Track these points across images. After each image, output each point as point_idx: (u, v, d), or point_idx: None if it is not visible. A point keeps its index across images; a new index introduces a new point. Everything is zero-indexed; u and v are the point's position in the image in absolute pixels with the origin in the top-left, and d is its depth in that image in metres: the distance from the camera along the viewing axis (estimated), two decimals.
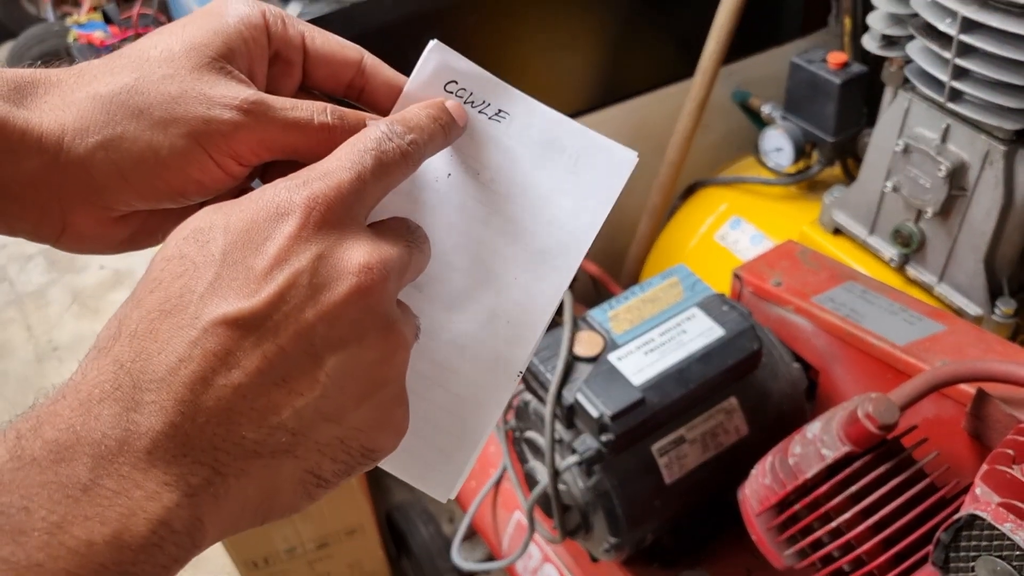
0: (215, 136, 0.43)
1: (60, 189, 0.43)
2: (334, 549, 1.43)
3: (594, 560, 1.10)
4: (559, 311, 1.03)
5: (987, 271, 1.12)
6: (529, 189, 0.51)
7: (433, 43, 0.51)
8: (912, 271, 1.20)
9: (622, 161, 0.51)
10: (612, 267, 1.58)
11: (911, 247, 1.17)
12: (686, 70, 1.46)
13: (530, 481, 1.06)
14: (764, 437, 1.03)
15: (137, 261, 2.44)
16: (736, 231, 1.42)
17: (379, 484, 1.59)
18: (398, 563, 1.57)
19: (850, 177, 1.38)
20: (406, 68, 0.53)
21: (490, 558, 1.59)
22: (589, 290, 1.52)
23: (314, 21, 1.22)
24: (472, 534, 1.45)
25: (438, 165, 0.51)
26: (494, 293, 0.50)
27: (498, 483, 1.31)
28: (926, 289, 1.19)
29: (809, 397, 1.09)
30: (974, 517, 0.71)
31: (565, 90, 1.52)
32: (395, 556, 1.57)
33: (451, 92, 0.51)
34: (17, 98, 0.42)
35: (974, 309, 1.14)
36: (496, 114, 0.52)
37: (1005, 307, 1.12)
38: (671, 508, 1.01)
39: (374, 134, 0.42)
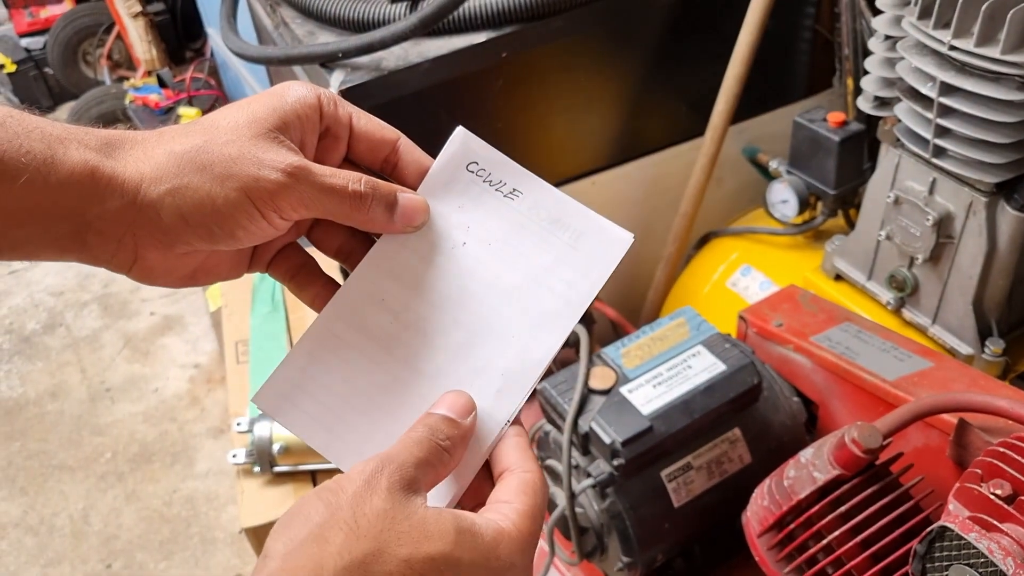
0: (262, 192, 0.52)
1: (134, 226, 0.52)
2: None
3: None
4: (577, 349, 1.13)
5: (976, 313, 1.20)
6: (533, 260, 0.58)
7: (459, 129, 0.61)
8: (908, 314, 1.29)
9: (618, 240, 0.59)
10: (630, 311, 1.67)
11: (905, 291, 1.26)
12: (698, 129, 1.56)
13: (550, 506, 1.15)
14: (766, 465, 1.11)
15: (185, 308, 2.57)
16: (746, 278, 1.51)
17: None
18: None
19: (852, 227, 1.47)
20: (438, 128, 0.62)
21: None
22: (608, 332, 1.61)
23: (355, 88, 1.35)
24: None
25: (455, 235, 0.59)
26: (492, 348, 0.58)
27: None
28: (921, 330, 1.28)
29: (809, 429, 1.18)
30: (944, 528, 0.79)
31: (586, 148, 1.63)
32: None
33: (472, 172, 0.60)
34: (108, 151, 0.52)
35: (965, 349, 1.22)
36: (510, 192, 0.60)
37: (994, 347, 1.20)
38: (680, 530, 1.09)
39: None
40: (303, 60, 1.38)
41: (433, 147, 1.62)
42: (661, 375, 1.07)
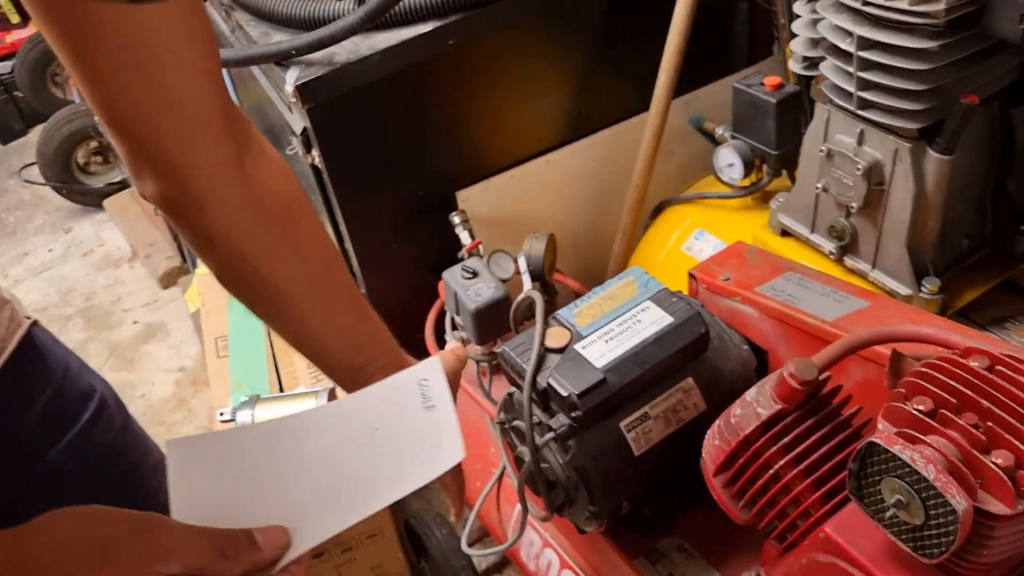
0: None
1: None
2: (357, 553, 1.57)
3: (581, 532, 1.24)
4: (530, 315, 1.19)
5: (911, 255, 1.27)
6: (404, 453, 0.75)
7: (435, 359, 0.81)
8: (849, 261, 1.35)
9: (451, 453, 0.75)
10: (593, 282, 1.73)
11: (845, 240, 1.33)
12: (645, 103, 1.62)
13: (518, 463, 1.21)
14: (720, 411, 1.16)
15: (167, 315, 2.62)
16: (700, 242, 1.58)
17: None
18: (418, 567, 1.71)
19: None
20: (390, 119, 0.70)
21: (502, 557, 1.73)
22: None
23: (310, 83, 1.40)
24: (485, 535, 1.59)
25: (375, 423, 0.77)
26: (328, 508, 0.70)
27: (500, 480, 1.45)
28: (862, 276, 1.34)
29: (761, 375, 1.24)
30: (872, 444, 0.84)
31: (538, 128, 1.69)
32: (415, 561, 1.71)
33: (420, 386, 0.79)
34: None
35: (904, 290, 1.29)
36: (429, 406, 0.78)
37: (930, 285, 1.27)
38: (642, 478, 1.15)
39: None
40: (258, 60, 1.43)
41: (387, 138, 1.69)
42: (612, 331, 1.13)
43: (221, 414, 1.52)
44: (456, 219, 1.60)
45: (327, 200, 1.58)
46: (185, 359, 2.44)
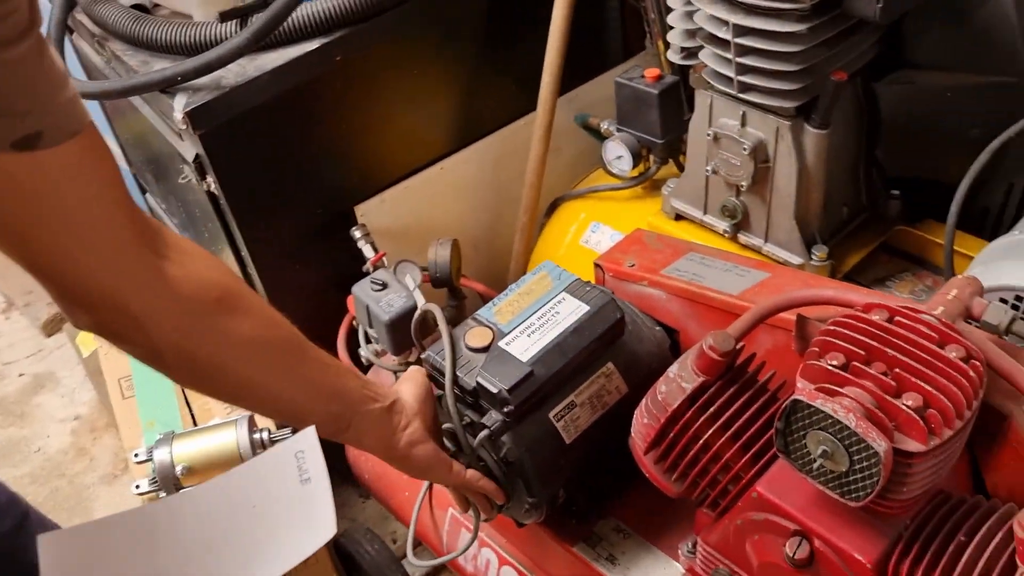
0: None
1: None
2: None
3: (520, 525, 1.27)
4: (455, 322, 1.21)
5: (799, 226, 1.34)
6: (281, 531, 0.77)
7: (311, 429, 0.83)
8: (743, 238, 1.42)
9: (324, 528, 0.78)
10: (497, 284, 1.76)
11: (737, 218, 1.40)
12: (531, 104, 1.66)
13: None
14: (642, 392, 1.20)
15: (54, 364, 2.52)
16: (597, 234, 1.63)
17: None
18: None
19: (683, 171, 1.60)
20: (284, 139, 0.70)
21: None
22: (479, 306, 1.70)
23: (199, 108, 1.38)
24: (418, 543, 1.59)
25: (256, 499, 0.79)
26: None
27: (431, 486, 1.46)
28: (756, 250, 1.41)
29: (675, 353, 1.29)
30: (796, 401, 0.89)
31: (429, 136, 1.71)
32: None
33: (297, 458, 0.81)
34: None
35: (796, 259, 1.36)
36: (305, 479, 0.79)
37: (819, 253, 1.35)
38: (575, 465, 1.18)
39: None
40: (143, 89, 1.40)
41: (281, 158, 1.68)
42: (533, 324, 1.15)
43: (136, 455, 1.48)
44: (357, 233, 1.60)
45: (226, 226, 1.56)
46: (79, 407, 2.35)
